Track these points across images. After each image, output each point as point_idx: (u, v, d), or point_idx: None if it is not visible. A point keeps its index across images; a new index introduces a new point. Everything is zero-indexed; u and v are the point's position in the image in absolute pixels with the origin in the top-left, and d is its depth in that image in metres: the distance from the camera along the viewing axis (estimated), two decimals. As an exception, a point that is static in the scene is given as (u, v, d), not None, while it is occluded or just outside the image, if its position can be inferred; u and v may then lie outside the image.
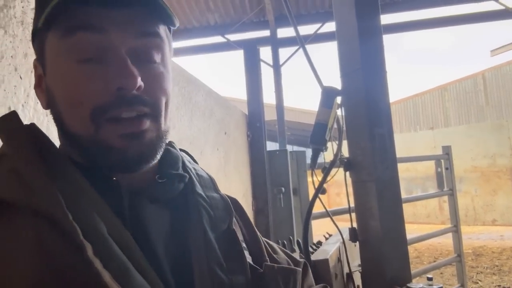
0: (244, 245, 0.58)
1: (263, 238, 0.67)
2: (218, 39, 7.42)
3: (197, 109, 1.97)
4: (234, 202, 0.67)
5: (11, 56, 0.72)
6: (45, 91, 0.50)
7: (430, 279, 1.19)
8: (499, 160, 8.17)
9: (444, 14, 7.43)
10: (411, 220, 8.49)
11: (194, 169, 0.61)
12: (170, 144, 0.64)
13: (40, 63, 0.51)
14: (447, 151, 2.98)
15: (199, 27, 7.51)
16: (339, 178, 1.30)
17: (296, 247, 1.57)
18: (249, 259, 0.57)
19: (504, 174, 8.11)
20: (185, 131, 1.74)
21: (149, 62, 0.49)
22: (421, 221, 8.48)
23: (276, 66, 6.30)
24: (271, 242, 0.71)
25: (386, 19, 6.66)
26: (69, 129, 0.48)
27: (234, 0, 6.49)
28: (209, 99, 2.15)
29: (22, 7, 0.75)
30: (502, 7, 6.76)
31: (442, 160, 2.98)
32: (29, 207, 0.40)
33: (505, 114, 12.56)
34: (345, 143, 1.32)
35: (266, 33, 7.11)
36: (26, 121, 0.73)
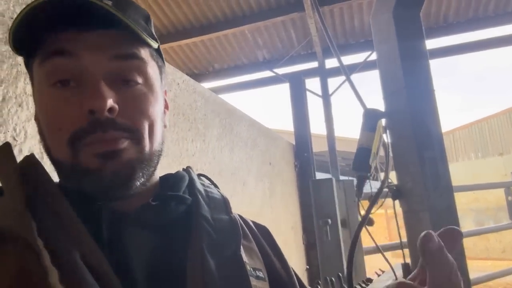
0: (260, 274, 0.53)
1: (300, 279, 0.61)
2: (266, 73, 7.59)
3: (239, 139, 1.96)
4: (263, 229, 0.63)
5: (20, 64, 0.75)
6: (37, 121, 0.51)
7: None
8: None
9: (499, 34, 7.01)
10: (484, 256, 7.71)
11: (206, 191, 0.58)
12: (187, 169, 0.62)
13: (33, 93, 0.52)
14: (518, 178, 2.68)
15: (249, 64, 7.74)
16: (385, 200, 1.19)
17: (345, 285, 1.45)
18: None
19: None
20: (226, 162, 1.72)
21: (128, 85, 0.48)
22: (496, 257, 7.66)
23: (325, 96, 6.25)
24: (304, 284, 0.64)
25: (438, 43, 6.40)
26: (52, 155, 0.48)
27: (281, 34, 6.63)
28: (251, 129, 2.13)
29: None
30: None
31: (513, 188, 2.68)
32: (3, 234, 0.40)
33: None
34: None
35: (314, 64, 7.15)
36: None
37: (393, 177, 1.24)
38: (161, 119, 0.52)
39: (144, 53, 0.49)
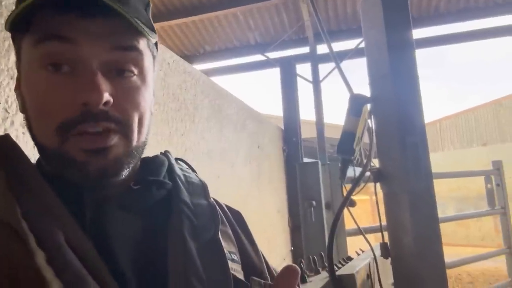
0: (235, 257, 0.55)
1: (269, 263, 0.64)
2: (258, 57, 7.54)
3: (228, 122, 1.98)
4: (237, 214, 0.65)
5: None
6: (20, 95, 0.50)
7: (471, 302, 1.08)
8: (563, 178, 7.49)
9: (491, 25, 7.07)
10: (464, 242, 7.95)
11: (185, 176, 0.59)
12: (165, 153, 0.63)
13: (17, 66, 0.50)
14: (497, 166, 2.77)
15: (240, 47, 7.67)
16: (367, 183, 1.24)
17: (326, 264, 1.50)
18: (240, 273, 0.54)
19: None
20: (214, 143, 1.74)
21: (123, 77, 0.47)
22: (476, 243, 7.90)
23: (316, 82, 6.27)
24: (274, 267, 0.67)
25: (428, 32, 6.45)
26: (36, 138, 0.47)
27: (274, 18, 6.58)
28: (241, 112, 2.15)
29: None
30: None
31: (493, 176, 2.76)
32: None
33: None
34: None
35: (306, 49, 7.12)
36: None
37: (376, 162, 1.28)
38: (150, 110, 0.52)
39: (142, 44, 0.49)
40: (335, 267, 1.14)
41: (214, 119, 1.78)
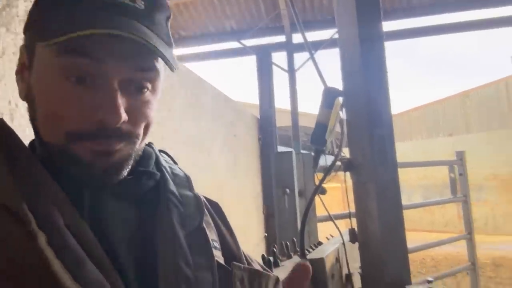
0: (217, 245, 0.59)
1: (244, 252, 0.68)
2: (233, 44, 7.50)
3: (205, 111, 2.00)
4: (216, 205, 0.68)
5: (13, 53, 0.76)
6: (26, 85, 0.51)
7: (430, 281, 1.17)
8: (520, 168, 7.93)
9: (461, 19, 7.31)
10: (428, 228, 8.32)
11: (170, 168, 0.62)
12: (149, 144, 0.64)
13: (27, 54, 0.50)
14: (460, 156, 2.92)
15: (216, 33, 7.59)
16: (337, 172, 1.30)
17: (298, 249, 1.58)
18: (221, 259, 0.57)
19: (526, 183, 7.86)
20: (191, 132, 1.77)
21: (139, 93, 0.49)
22: (439, 229, 8.29)
23: (291, 71, 6.32)
24: (248, 254, 0.71)
25: (400, 24, 6.61)
26: (41, 135, 0.49)
27: (250, 5, 6.55)
28: (217, 101, 2.17)
29: (25, 6, 0.80)
30: (523, 12, 6.60)
31: (456, 166, 2.92)
32: None
33: (529, 121, 12.17)
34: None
35: (282, 38, 7.14)
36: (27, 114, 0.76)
37: (346, 152, 1.34)
38: (154, 115, 0.54)
39: (160, 63, 0.51)
40: (306, 251, 1.20)
41: (190, 108, 1.80)
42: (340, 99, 1.31)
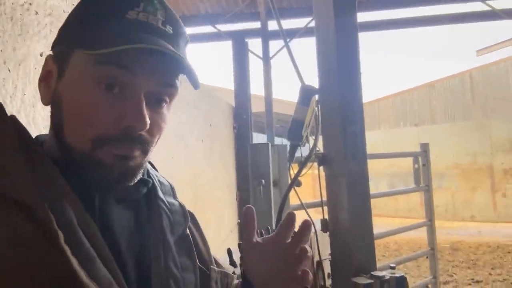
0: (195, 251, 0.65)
1: (216, 258, 0.75)
2: (208, 29, 7.41)
3: (183, 101, 2.02)
4: (191, 215, 0.73)
5: (1, 50, 0.77)
6: (53, 91, 0.54)
7: (393, 267, 1.28)
8: (479, 158, 8.39)
9: (430, 13, 7.54)
10: (393, 214, 8.70)
11: (156, 176, 0.67)
12: None
13: (56, 64, 0.54)
14: (424, 148, 3.09)
15: (190, 16, 7.47)
16: (312, 165, 1.38)
17: (272, 236, 1.65)
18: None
19: (484, 172, 8.33)
20: (170, 123, 1.79)
21: (158, 106, 0.54)
22: (403, 215, 8.69)
23: (266, 58, 6.35)
24: (215, 256, 0.78)
25: (371, 16, 6.76)
26: (65, 138, 0.52)
27: (226, -10, 6.45)
28: (194, 91, 2.20)
29: (12, 3, 0.80)
30: (489, 8, 6.90)
31: (420, 157, 3.09)
32: (4, 196, 0.43)
33: (490, 113, 12.83)
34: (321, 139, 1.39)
35: (257, 24, 7.13)
36: (14, 111, 0.78)
37: (320, 146, 1.42)
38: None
39: (179, 80, 0.56)
40: (281, 240, 1.28)
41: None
42: (316, 96, 1.38)
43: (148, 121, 0.50)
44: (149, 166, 0.67)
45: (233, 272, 0.76)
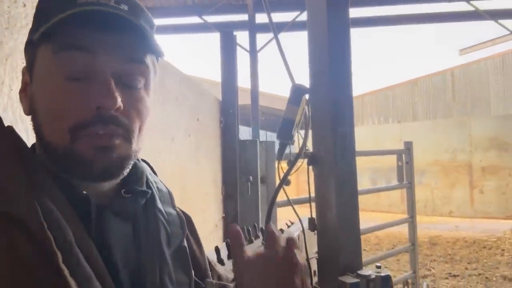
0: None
1: (210, 260, 0.73)
2: (194, 19, 7.32)
3: (170, 95, 2.00)
4: (188, 219, 0.71)
5: None
6: (29, 98, 0.53)
7: (378, 267, 1.30)
8: (459, 155, 8.60)
9: (414, 11, 7.63)
10: (374, 208, 8.86)
11: (155, 182, 0.65)
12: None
13: (28, 71, 0.54)
14: (408, 146, 3.15)
15: (176, 7, 7.35)
16: (305, 167, 1.38)
17: (260, 234, 1.66)
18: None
19: (463, 169, 8.56)
20: (157, 117, 1.77)
21: (132, 87, 0.53)
22: (384, 210, 8.85)
23: (253, 52, 6.33)
24: (212, 260, 0.78)
25: (355, 12, 6.80)
26: (46, 138, 0.51)
27: (214, -19, 6.40)
28: (182, 85, 2.17)
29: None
30: (472, 9, 7.02)
31: (403, 155, 3.15)
32: (3, 213, 0.42)
33: (470, 111, 13.13)
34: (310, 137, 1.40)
35: (244, 17, 7.08)
36: (0, 109, 0.75)
37: (309, 144, 1.42)
38: (147, 121, 0.57)
39: (149, 59, 0.55)
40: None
41: (156, 93, 1.79)
42: (306, 96, 1.38)
43: (118, 98, 0.49)
44: (148, 172, 0.66)
45: (232, 280, 0.74)
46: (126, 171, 0.54)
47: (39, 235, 0.42)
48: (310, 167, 1.42)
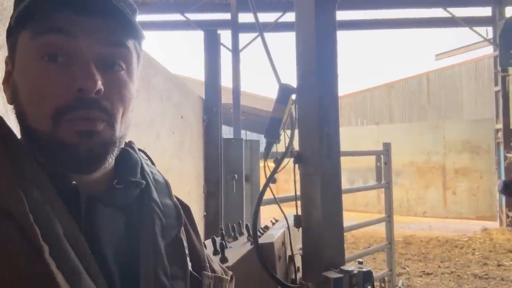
0: (187, 252, 0.62)
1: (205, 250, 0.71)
2: (176, 16, 7.25)
3: (156, 92, 1.99)
4: (186, 209, 0.70)
5: None
6: (11, 87, 0.53)
7: (360, 263, 1.35)
8: (433, 157, 8.86)
9: (393, 16, 7.81)
10: (351, 208, 9.00)
11: (152, 172, 0.64)
12: (130, 145, 0.66)
13: (10, 59, 0.53)
14: (387, 148, 3.23)
15: (158, 2, 7.27)
16: (289, 166, 1.41)
17: (244, 231, 1.68)
18: (189, 265, 0.60)
19: (437, 171, 8.82)
20: (143, 114, 1.76)
21: (113, 70, 0.52)
22: (360, 209, 9.02)
23: (235, 51, 6.33)
24: (208, 253, 0.75)
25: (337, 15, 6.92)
26: (29, 125, 0.50)
27: (197, -21, 6.37)
28: (167, 82, 2.17)
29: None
30: (449, 15, 7.25)
31: (382, 156, 3.23)
32: None
33: (444, 114, 13.54)
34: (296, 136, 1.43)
35: (227, 16, 7.06)
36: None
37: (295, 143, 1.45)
38: (132, 105, 0.56)
39: (131, 43, 0.54)
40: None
41: (142, 90, 1.79)
42: (293, 96, 1.41)
43: (99, 80, 0.48)
44: (144, 161, 0.65)
45: (231, 277, 0.73)
46: (111, 157, 0.53)
47: (26, 227, 0.41)
48: (296, 166, 1.45)
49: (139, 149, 0.68)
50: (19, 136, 0.53)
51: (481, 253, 5.77)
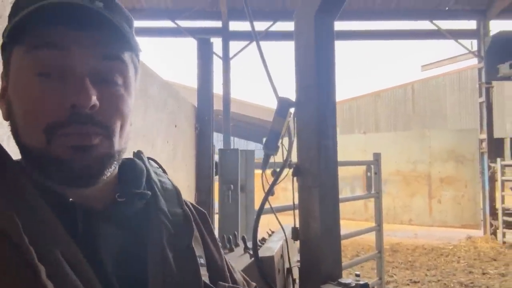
0: (203, 261, 0.59)
1: (225, 257, 0.67)
2: (167, 23, 7.25)
3: (152, 101, 1.99)
4: (202, 214, 0.68)
5: None
6: (6, 103, 0.52)
7: (358, 275, 1.36)
8: (419, 166, 9.01)
9: (381, 28, 7.96)
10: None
11: (160, 181, 0.62)
12: (138, 154, 0.64)
13: (5, 75, 0.52)
14: (377, 158, 3.28)
15: (149, 9, 7.25)
16: (287, 175, 1.42)
17: (240, 242, 1.68)
18: (206, 276, 0.58)
19: (423, 179, 8.96)
20: (139, 124, 1.75)
21: (110, 85, 0.51)
22: (348, 217, 9.08)
23: (226, 59, 6.35)
24: (230, 262, 0.71)
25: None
26: (23, 141, 0.49)
27: (188, -14, 6.39)
28: (163, 91, 2.16)
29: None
30: (435, 28, 7.43)
31: (372, 166, 3.27)
32: None
33: (429, 123, 13.80)
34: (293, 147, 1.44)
35: (217, 24, 7.09)
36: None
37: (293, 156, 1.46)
38: (130, 119, 0.55)
39: (127, 56, 0.53)
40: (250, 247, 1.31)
41: (139, 99, 1.78)
42: (292, 109, 1.42)
43: (93, 96, 0.47)
44: (152, 170, 0.63)
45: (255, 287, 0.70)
46: (108, 172, 0.51)
47: (23, 249, 0.41)
48: (294, 178, 1.46)
49: (149, 158, 0.67)
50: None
51: (466, 261, 5.86)
